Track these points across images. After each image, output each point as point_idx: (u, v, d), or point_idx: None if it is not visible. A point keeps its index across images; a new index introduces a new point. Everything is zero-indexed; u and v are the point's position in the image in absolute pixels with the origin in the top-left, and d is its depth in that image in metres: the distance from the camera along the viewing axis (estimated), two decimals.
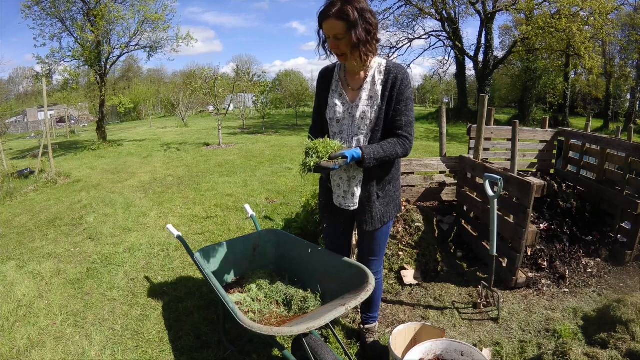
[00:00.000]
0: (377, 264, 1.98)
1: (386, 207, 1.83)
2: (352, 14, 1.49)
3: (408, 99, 1.66)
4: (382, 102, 1.66)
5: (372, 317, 2.16)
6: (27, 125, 28.55)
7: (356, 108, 1.69)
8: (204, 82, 11.55)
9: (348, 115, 1.72)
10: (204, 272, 1.89)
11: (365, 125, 1.69)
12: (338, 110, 1.73)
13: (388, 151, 1.65)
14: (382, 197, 1.81)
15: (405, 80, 1.65)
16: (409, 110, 1.67)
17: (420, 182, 3.54)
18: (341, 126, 1.74)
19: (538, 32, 14.51)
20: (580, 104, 27.09)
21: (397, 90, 1.64)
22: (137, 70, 37.20)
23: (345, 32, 1.53)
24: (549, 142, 4.06)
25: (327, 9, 1.52)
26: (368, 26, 1.54)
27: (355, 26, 1.51)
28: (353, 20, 1.50)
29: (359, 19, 1.51)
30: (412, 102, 1.69)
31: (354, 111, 1.70)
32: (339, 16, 1.50)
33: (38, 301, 2.76)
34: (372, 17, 1.55)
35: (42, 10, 10.95)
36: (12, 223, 4.65)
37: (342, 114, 1.73)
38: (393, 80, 1.64)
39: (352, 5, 1.50)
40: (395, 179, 1.85)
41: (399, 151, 1.68)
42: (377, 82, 1.67)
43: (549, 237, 3.18)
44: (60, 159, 9.86)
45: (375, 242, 1.92)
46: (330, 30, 1.54)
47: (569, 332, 2.24)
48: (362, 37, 1.54)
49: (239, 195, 5.33)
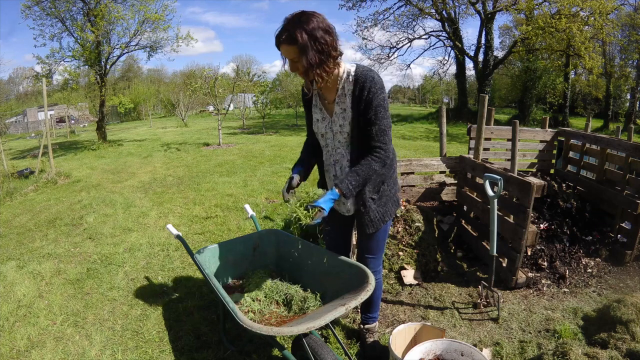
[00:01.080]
0: (375, 263, 1.98)
1: (384, 207, 1.83)
2: (301, 38, 1.47)
3: (378, 107, 1.60)
4: (353, 114, 1.65)
5: (372, 317, 2.16)
6: (27, 125, 28.54)
7: (334, 122, 1.71)
8: (204, 82, 11.54)
9: (329, 130, 1.74)
10: (204, 272, 1.89)
11: (344, 138, 1.71)
12: (320, 125, 1.76)
13: (364, 173, 1.64)
14: (378, 198, 1.81)
15: (372, 88, 1.59)
16: (380, 118, 1.61)
17: (420, 182, 3.54)
18: (325, 140, 1.78)
19: (538, 32, 14.52)
20: (580, 104, 27.09)
21: (365, 100, 1.60)
22: (137, 70, 37.23)
23: (299, 56, 1.51)
24: (549, 142, 4.06)
25: (279, 35, 1.52)
26: (321, 46, 1.50)
27: (306, 50, 1.49)
28: (303, 44, 1.48)
29: (309, 41, 1.48)
30: (385, 107, 1.62)
31: (333, 125, 1.72)
32: (289, 41, 1.50)
33: (38, 301, 2.76)
34: (325, 35, 1.51)
35: (42, 10, 10.97)
36: (12, 223, 4.65)
37: (324, 128, 1.75)
38: (360, 89, 1.61)
39: (302, 28, 1.47)
40: (389, 176, 1.82)
41: (376, 167, 1.65)
42: (347, 94, 1.65)
43: (549, 237, 3.18)
44: (60, 159, 9.87)
45: (374, 241, 1.92)
46: (285, 54, 1.55)
47: (569, 332, 2.24)
48: (314, 60, 1.50)
49: (239, 195, 5.33)
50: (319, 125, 1.77)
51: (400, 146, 10.22)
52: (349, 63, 1.68)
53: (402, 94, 56.78)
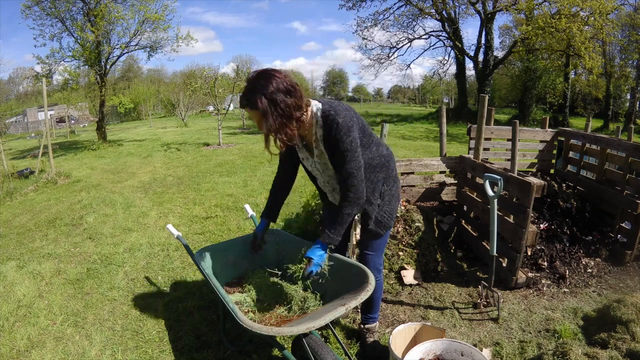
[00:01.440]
0: (376, 260, 1.98)
1: (389, 205, 1.89)
2: (261, 104, 1.47)
3: (345, 151, 1.60)
4: (329, 156, 1.70)
5: (372, 317, 2.16)
6: (27, 125, 28.54)
7: (317, 162, 1.78)
8: (204, 82, 11.54)
9: (315, 169, 1.82)
10: (204, 272, 1.89)
11: (330, 175, 1.79)
12: (306, 164, 1.84)
13: (342, 220, 1.68)
14: (382, 201, 1.87)
15: (337, 134, 1.58)
16: (348, 161, 1.61)
17: (420, 182, 3.54)
18: (314, 175, 1.88)
19: (538, 32, 14.51)
20: (580, 104, 27.08)
21: (332, 144, 1.62)
22: (137, 70, 37.20)
23: (261, 119, 1.52)
24: (549, 142, 4.06)
25: (241, 99, 1.53)
26: (282, 110, 1.49)
27: (266, 115, 1.49)
28: (263, 109, 1.48)
29: (269, 106, 1.48)
30: (352, 149, 1.61)
31: (317, 165, 1.79)
32: (250, 107, 1.51)
33: (38, 301, 2.76)
34: (286, 97, 1.50)
35: (42, 10, 10.97)
36: (12, 223, 4.65)
37: (310, 166, 1.84)
38: (327, 133, 1.62)
39: (261, 94, 1.47)
40: (388, 176, 1.87)
41: (348, 212, 1.67)
42: (320, 139, 1.67)
43: (549, 237, 3.18)
44: (60, 159, 9.87)
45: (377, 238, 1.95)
46: (250, 116, 1.57)
47: (569, 332, 2.24)
48: (274, 126, 1.50)
49: (239, 195, 5.33)
50: (305, 163, 1.84)
51: (400, 146, 10.22)
52: (315, 103, 1.65)
53: (402, 94, 56.81)
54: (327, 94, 57.75)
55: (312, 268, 1.66)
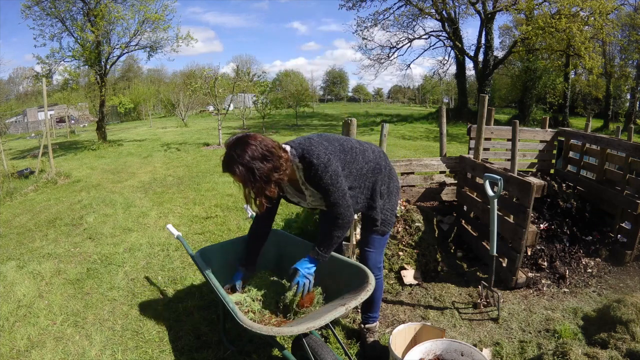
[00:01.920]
0: (375, 257, 1.99)
1: (389, 202, 1.94)
2: (239, 171, 1.52)
3: (327, 185, 1.66)
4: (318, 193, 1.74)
5: (372, 317, 2.17)
6: (27, 125, 28.53)
7: (313, 202, 1.82)
8: (204, 82, 11.54)
9: (316, 204, 1.85)
10: (204, 272, 1.89)
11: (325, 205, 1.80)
12: (303, 205, 1.89)
13: (332, 241, 1.73)
14: (382, 201, 1.91)
15: (315, 174, 1.65)
16: (331, 193, 1.68)
17: (420, 182, 3.54)
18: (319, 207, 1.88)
19: (538, 32, 14.50)
20: (580, 104, 27.07)
21: (316, 183, 1.69)
22: (137, 70, 37.20)
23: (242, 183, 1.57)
24: (549, 142, 4.06)
25: (222, 166, 1.58)
26: (259, 176, 1.54)
27: (245, 182, 1.55)
28: (240, 176, 1.53)
29: (247, 174, 1.52)
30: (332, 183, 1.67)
31: (313, 203, 1.84)
32: (231, 173, 1.56)
33: (38, 301, 2.76)
34: (262, 163, 1.53)
35: (42, 10, 10.96)
36: (12, 223, 4.65)
37: (306, 205, 1.87)
38: (307, 176, 1.70)
39: (237, 162, 1.52)
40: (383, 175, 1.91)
41: (338, 234, 1.73)
42: (306, 182, 1.73)
43: (549, 237, 3.18)
44: (60, 159, 9.86)
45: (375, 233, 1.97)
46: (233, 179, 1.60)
47: (569, 332, 2.24)
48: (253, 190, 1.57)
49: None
50: (302, 204, 1.89)
51: (400, 146, 10.22)
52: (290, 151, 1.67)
53: (402, 94, 56.79)
54: (327, 94, 57.72)
55: (298, 279, 1.70)
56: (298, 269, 1.71)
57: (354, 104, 50.04)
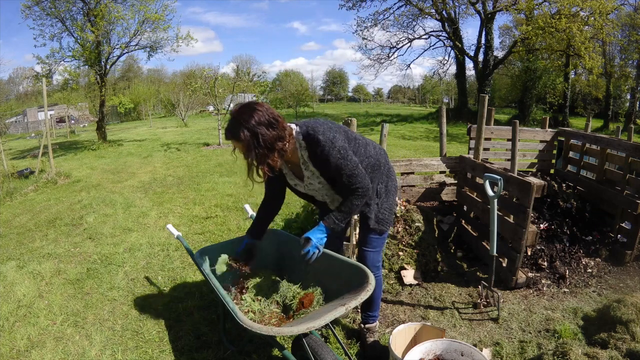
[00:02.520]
0: (374, 257, 1.99)
1: (387, 201, 1.93)
2: (244, 136, 1.52)
3: (337, 160, 1.64)
4: (320, 172, 1.74)
5: (372, 316, 2.16)
6: (27, 125, 28.53)
7: (310, 184, 1.81)
8: (204, 82, 11.55)
9: (310, 190, 1.85)
10: (204, 272, 1.89)
11: (327, 189, 1.82)
12: (299, 189, 1.88)
13: (348, 209, 1.73)
14: (379, 196, 1.91)
15: (323, 150, 1.63)
16: (344, 167, 1.66)
17: (420, 182, 3.54)
18: (313, 194, 1.89)
19: (538, 32, 14.50)
20: (580, 104, 27.06)
21: (321, 161, 1.67)
22: (137, 70, 37.18)
23: (245, 150, 1.56)
24: (549, 142, 4.06)
25: (226, 132, 1.59)
26: (263, 142, 1.54)
27: (249, 147, 1.54)
28: (245, 142, 1.53)
29: (251, 139, 1.52)
30: (344, 157, 1.65)
31: (310, 187, 1.83)
32: (234, 139, 1.56)
33: (38, 301, 2.76)
34: (268, 130, 1.54)
35: (42, 10, 10.96)
36: (12, 223, 4.65)
37: (303, 189, 1.86)
38: (312, 154, 1.68)
39: (243, 127, 1.52)
40: (381, 173, 1.91)
41: (357, 203, 1.73)
42: (307, 161, 1.72)
43: (549, 237, 3.18)
44: (60, 159, 9.87)
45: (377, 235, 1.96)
46: (235, 146, 1.61)
47: (569, 332, 2.24)
48: (255, 157, 1.55)
49: (239, 195, 5.33)
50: (298, 188, 1.88)
51: (400, 146, 10.22)
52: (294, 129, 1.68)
53: (402, 94, 56.78)
54: (327, 94, 57.69)
55: (309, 248, 1.68)
56: (310, 238, 1.68)
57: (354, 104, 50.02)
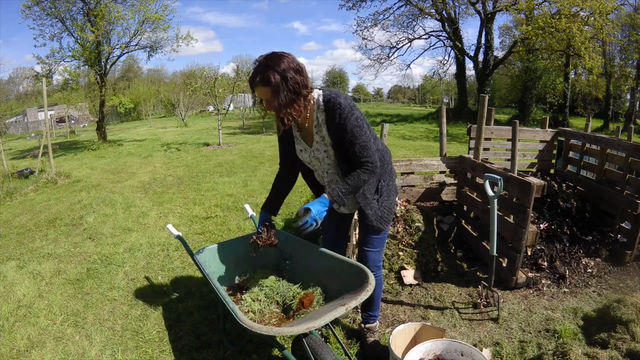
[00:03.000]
0: (375, 257, 1.98)
1: (388, 199, 1.91)
2: (274, 79, 1.54)
3: (354, 127, 1.66)
4: (332, 140, 1.73)
5: (372, 315, 2.16)
6: (27, 125, 28.53)
7: (316, 151, 1.79)
8: (204, 82, 11.54)
9: (314, 158, 1.82)
10: (204, 272, 1.89)
11: (330, 163, 1.80)
12: (304, 155, 1.85)
13: (354, 183, 1.72)
14: (379, 196, 1.88)
15: (342, 114, 1.65)
16: (359, 136, 1.67)
17: (420, 182, 3.54)
18: (313, 166, 1.87)
19: (538, 32, 14.50)
20: (580, 104, 27.08)
21: (338, 125, 1.67)
22: (137, 70, 37.21)
23: (272, 96, 1.58)
24: (549, 142, 4.06)
25: (253, 77, 1.60)
26: (292, 86, 1.57)
27: (278, 90, 1.56)
28: (275, 84, 1.55)
29: (281, 82, 1.55)
30: (360, 125, 1.68)
31: (316, 154, 1.80)
32: (263, 83, 1.57)
33: (38, 301, 2.76)
34: (296, 75, 1.58)
35: (42, 10, 10.95)
36: (12, 223, 4.65)
37: (308, 157, 1.84)
38: (331, 117, 1.68)
39: (274, 70, 1.55)
40: (384, 172, 1.89)
41: (364, 177, 1.72)
42: (322, 124, 1.72)
43: (549, 237, 3.18)
44: (60, 159, 9.86)
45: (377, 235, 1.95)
46: (260, 94, 1.62)
47: (569, 332, 2.24)
48: (284, 100, 1.58)
49: (239, 195, 5.33)
50: (303, 155, 1.85)
51: (400, 146, 10.22)
52: (316, 90, 1.72)
53: (402, 94, 56.77)
54: None
55: (307, 219, 1.65)
56: (310, 209, 1.66)
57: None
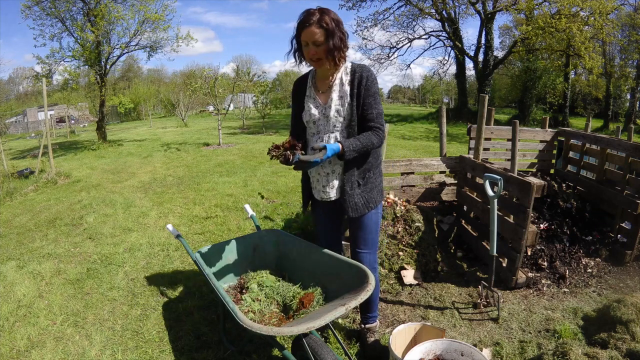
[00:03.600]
0: (369, 257, 1.98)
1: (369, 193, 1.91)
2: (330, 24, 1.69)
3: (375, 94, 1.83)
4: (351, 100, 1.81)
5: (371, 316, 2.17)
6: (27, 125, 28.55)
7: (329, 108, 1.84)
8: (204, 82, 11.54)
9: (322, 116, 1.86)
10: (204, 272, 1.89)
11: (340, 123, 1.84)
12: (313, 113, 1.87)
13: (365, 142, 1.79)
14: (363, 184, 1.90)
15: (370, 77, 1.81)
16: (378, 103, 1.83)
17: (420, 182, 3.54)
18: (317, 127, 1.89)
19: (538, 32, 14.50)
20: (580, 104, 27.08)
21: (364, 87, 1.80)
22: (137, 70, 37.23)
23: (324, 39, 1.70)
24: (549, 142, 4.06)
25: (308, 18, 1.69)
26: (341, 35, 1.74)
27: (333, 34, 1.70)
28: (331, 28, 1.69)
29: (335, 28, 1.70)
30: (379, 96, 1.86)
31: (327, 111, 1.84)
32: (319, 25, 1.68)
33: (38, 301, 2.76)
34: (343, 28, 1.76)
35: (42, 10, 10.95)
36: (12, 223, 4.65)
37: (317, 115, 1.87)
38: (359, 78, 1.80)
39: (329, 16, 1.70)
40: (375, 166, 1.95)
41: (374, 141, 1.81)
42: (345, 83, 1.83)
43: (549, 237, 3.18)
44: (60, 159, 9.86)
45: (364, 231, 1.96)
46: (310, 37, 1.70)
47: (569, 332, 2.24)
48: (337, 44, 1.72)
49: (239, 195, 5.33)
50: (312, 112, 1.87)
51: (400, 146, 10.21)
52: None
53: (402, 94, 56.76)
54: None
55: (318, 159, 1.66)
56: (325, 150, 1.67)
57: None
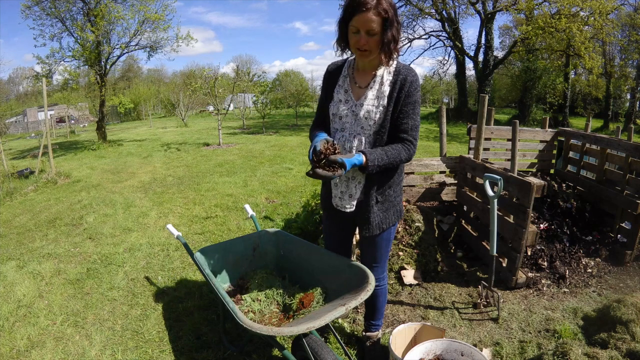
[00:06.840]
0: (378, 271, 1.94)
1: (385, 212, 1.74)
2: (390, 12, 1.43)
3: (416, 102, 1.60)
4: (388, 104, 1.59)
5: (375, 324, 2.11)
6: (27, 125, 28.54)
7: (360, 107, 1.61)
8: (204, 82, 11.55)
9: (351, 113, 1.63)
10: (204, 272, 1.89)
11: (369, 126, 1.61)
12: (341, 107, 1.65)
13: (392, 157, 1.57)
14: (382, 201, 1.72)
15: (414, 83, 1.58)
16: (416, 114, 1.61)
17: (420, 182, 3.54)
18: (343, 123, 1.66)
19: (538, 32, 14.51)
20: (580, 104, 27.09)
21: (406, 92, 1.57)
22: (137, 70, 37.24)
23: (380, 29, 1.45)
24: (549, 142, 4.06)
25: (364, 2, 1.41)
26: (398, 25, 1.49)
27: (392, 24, 1.45)
28: (390, 17, 1.43)
29: (394, 18, 1.45)
30: (419, 105, 1.62)
31: (357, 109, 1.62)
32: (377, 11, 1.42)
33: (38, 301, 2.76)
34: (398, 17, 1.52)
35: (42, 10, 10.95)
36: (12, 223, 4.65)
37: (345, 111, 1.64)
38: (402, 81, 1.57)
39: (389, 3, 1.44)
40: (397, 183, 1.76)
41: (403, 157, 1.60)
42: (386, 83, 1.59)
43: (549, 237, 3.18)
44: (60, 159, 9.86)
45: (374, 249, 1.85)
46: (365, 24, 1.44)
47: (569, 332, 2.24)
48: (395, 35, 1.48)
49: (239, 195, 5.33)
50: (340, 106, 1.65)
51: None
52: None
53: None
54: None
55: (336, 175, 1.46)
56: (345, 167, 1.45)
57: None
